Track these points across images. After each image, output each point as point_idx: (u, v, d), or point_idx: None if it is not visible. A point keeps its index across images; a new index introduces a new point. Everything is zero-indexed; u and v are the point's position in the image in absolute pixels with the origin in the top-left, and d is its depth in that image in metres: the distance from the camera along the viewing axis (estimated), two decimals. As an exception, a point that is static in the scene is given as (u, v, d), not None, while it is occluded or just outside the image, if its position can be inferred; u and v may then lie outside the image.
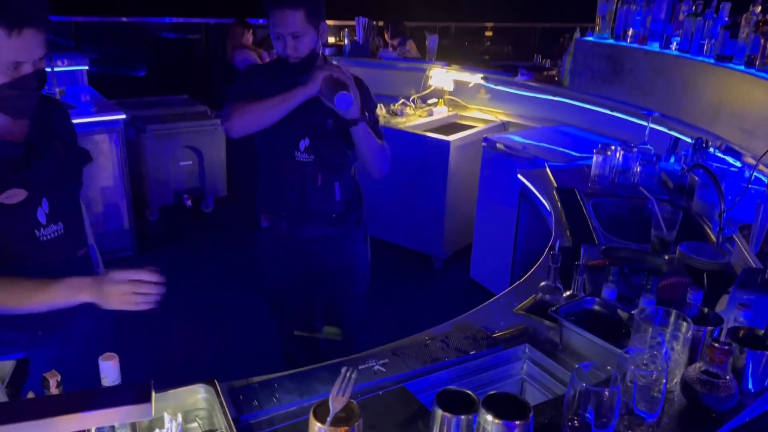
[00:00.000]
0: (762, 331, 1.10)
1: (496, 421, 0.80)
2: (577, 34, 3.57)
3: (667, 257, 1.90)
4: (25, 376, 1.17)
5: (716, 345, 1.00)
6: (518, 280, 1.86)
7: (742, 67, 2.59)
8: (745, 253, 1.76)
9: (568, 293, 1.61)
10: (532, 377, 1.46)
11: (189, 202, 4.50)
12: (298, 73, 1.99)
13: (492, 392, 0.84)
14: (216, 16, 6.78)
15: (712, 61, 2.77)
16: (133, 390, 0.82)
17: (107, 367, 1.08)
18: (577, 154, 3.14)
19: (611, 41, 3.37)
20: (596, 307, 1.46)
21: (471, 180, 3.76)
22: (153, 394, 0.85)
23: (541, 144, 3.34)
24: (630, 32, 3.27)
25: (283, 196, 2.16)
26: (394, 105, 4.21)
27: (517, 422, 0.80)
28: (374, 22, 4.69)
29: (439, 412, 0.83)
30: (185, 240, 4.26)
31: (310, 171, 2.09)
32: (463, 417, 0.82)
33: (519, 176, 2.84)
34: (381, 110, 4.08)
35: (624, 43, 3.28)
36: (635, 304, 1.48)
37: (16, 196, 1.28)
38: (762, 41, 2.49)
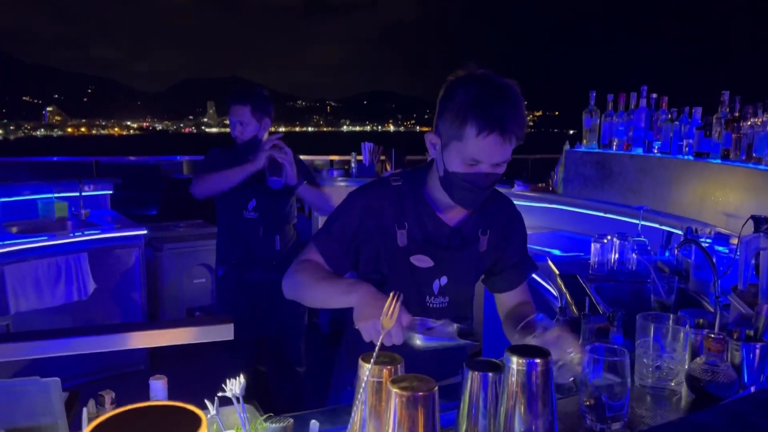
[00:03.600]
0: (752, 332, 1.21)
1: (520, 361, 0.90)
2: (566, 146, 3.88)
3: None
4: (76, 404, 1.25)
5: (712, 336, 1.11)
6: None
7: (719, 161, 2.83)
8: (741, 309, 1.87)
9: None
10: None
11: (201, 319, 4.58)
12: (243, 152, 2.69)
13: (515, 345, 0.95)
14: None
15: (691, 158, 3.02)
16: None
17: (157, 386, 1.18)
18: (574, 253, 3.31)
19: (599, 150, 3.66)
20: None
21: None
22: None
23: (541, 248, 3.51)
24: (615, 141, 3.57)
25: (234, 247, 2.78)
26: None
27: (537, 360, 0.90)
28: (379, 147, 5.06)
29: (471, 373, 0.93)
30: (195, 358, 4.29)
31: (255, 225, 2.73)
32: (490, 374, 0.92)
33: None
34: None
35: (611, 151, 3.57)
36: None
37: (424, 262, 1.47)
38: (733, 136, 2.75)
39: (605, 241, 2.84)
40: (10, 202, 4.02)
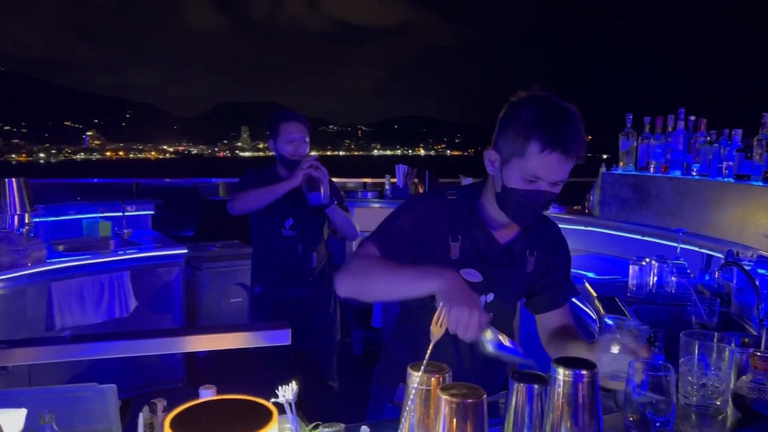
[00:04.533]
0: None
1: (567, 372, 0.91)
2: (603, 169, 3.87)
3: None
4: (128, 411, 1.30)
5: (759, 354, 1.10)
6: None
7: (760, 183, 2.80)
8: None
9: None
10: None
11: (236, 338, 4.64)
12: (287, 168, 2.78)
13: (561, 357, 0.96)
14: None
15: (732, 180, 2.99)
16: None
17: (206, 395, 1.22)
18: (611, 276, 3.28)
19: (636, 172, 3.64)
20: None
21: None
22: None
23: (577, 270, 3.49)
24: (653, 164, 3.55)
25: (272, 265, 2.85)
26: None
27: (584, 372, 0.91)
28: (413, 170, 5.11)
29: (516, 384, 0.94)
30: (232, 374, 4.34)
31: (293, 243, 2.81)
32: (536, 386, 0.94)
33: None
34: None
35: (648, 173, 3.55)
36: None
37: (474, 277, 1.50)
38: (775, 158, 2.72)
39: (644, 263, 2.81)
40: (57, 221, 4.17)
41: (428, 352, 0.95)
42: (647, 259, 2.85)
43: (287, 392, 0.98)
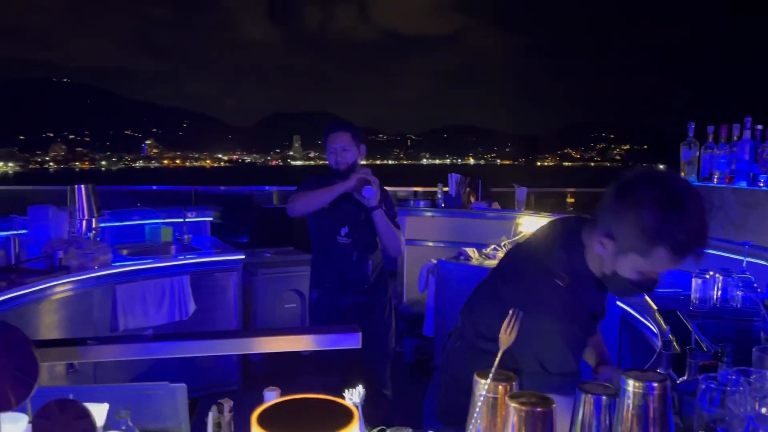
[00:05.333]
0: None
1: (637, 384, 0.90)
2: (662, 179, 3.77)
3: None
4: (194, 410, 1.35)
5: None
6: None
7: (834, 195, 2.68)
8: None
9: (680, 380, 1.65)
10: None
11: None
12: (342, 177, 2.82)
13: (631, 368, 0.95)
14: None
15: (802, 192, 2.88)
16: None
17: (271, 397, 1.25)
18: (672, 289, 3.18)
19: (698, 183, 3.54)
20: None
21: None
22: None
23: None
24: (716, 174, 3.44)
25: (328, 271, 2.91)
26: (486, 249, 4.44)
27: (655, 384, 0.90)
28: (465, 178, 5.09)
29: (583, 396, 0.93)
30: (287, 380, 4.41)
31: (348, 250, 2.85)
32: (603, 397, 0.93)
33: (618, 303, 2.91)
34: (474, 254, 4.32)
35: (711, 184, 3.44)
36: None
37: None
38: None
39: (707, 276, 2.73)
40: (122, 226, 4.34)
41: (497, 359, 0.96)
42: (711, 272, 2.76)
43: (354, 395, 1.00)
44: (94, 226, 3.82)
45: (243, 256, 4.12)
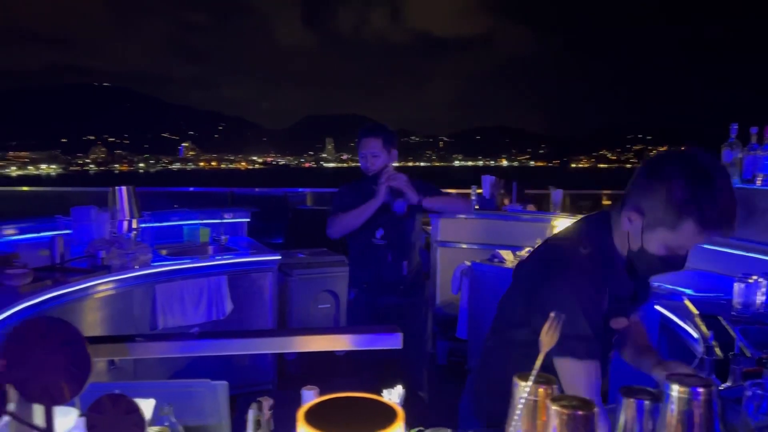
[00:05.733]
0: None
1: (682, 389, 0.88)
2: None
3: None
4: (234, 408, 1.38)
5: None
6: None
7: None
8: None
9: (723, 386, 1.62)
10: None
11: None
12: (372, 183, 2.88)
13: (674, 372, 0.93)
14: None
15: None
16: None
17: (309, 396, 1.27)
18: (713, 294, 3.12)
19: (741, 185, 3.45)
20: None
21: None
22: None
23: (674, 286, 3.34)
24: (760, 176, 3.36)
25: (364, 272, 2.98)
26: (520, 252, 4.40)
27: (701, 389, 0.88)
28: (499, 180, 5.06)
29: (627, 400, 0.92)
30: (321, 380, 4.44)
31: (384, 252, 2.91)
32: (646, 402, 0.92)
33: (657, 307, 2.86)
34: (508, 256, 4.29)
35: (754, 186, 3.36)
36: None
37: (621, 323, 1.51)
38: None
39: (750, 281, 2.66)
40: (161, 227, 4.43)
41: (538, 361, 0.95)
42: (754, 277, 2.69)
43: (393, 395, 1.01)
44: (134, 226, 3.91)
45: (279, 257, 4.17)
